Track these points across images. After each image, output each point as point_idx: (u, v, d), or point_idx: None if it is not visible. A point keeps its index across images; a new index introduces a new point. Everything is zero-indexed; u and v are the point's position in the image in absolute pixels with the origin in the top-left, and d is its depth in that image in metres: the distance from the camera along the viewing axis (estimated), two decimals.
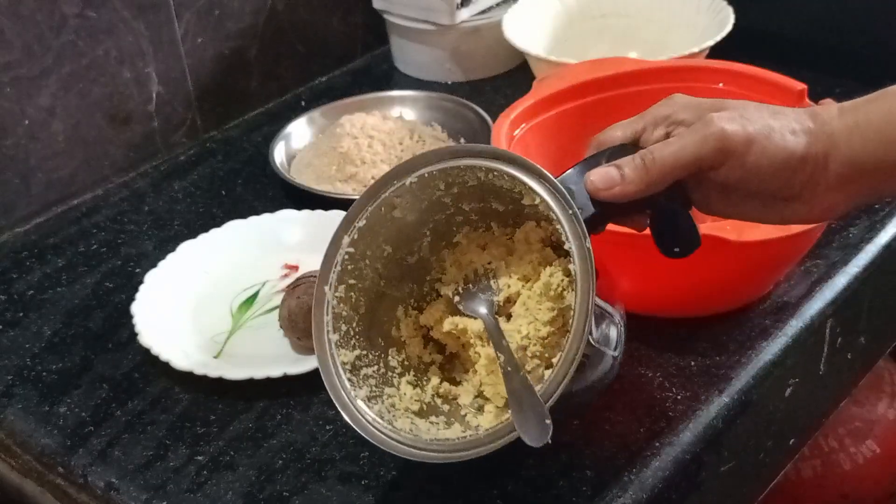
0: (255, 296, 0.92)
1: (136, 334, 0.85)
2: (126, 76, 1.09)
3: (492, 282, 0.72)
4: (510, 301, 0.71)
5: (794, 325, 0.84)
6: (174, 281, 0.92)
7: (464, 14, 1.24)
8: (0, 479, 0.85)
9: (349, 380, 0.67)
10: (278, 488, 0.73)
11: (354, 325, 0.70)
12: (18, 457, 0.81)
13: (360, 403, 0.67)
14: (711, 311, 0.84)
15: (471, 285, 0.72)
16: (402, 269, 0.73)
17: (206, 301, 0.92)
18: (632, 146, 0.65)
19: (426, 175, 0.68)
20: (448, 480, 0.72)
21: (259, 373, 0.81)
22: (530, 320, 0.68)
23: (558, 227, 0.63)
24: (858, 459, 1.28)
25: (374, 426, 0.66)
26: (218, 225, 0.99)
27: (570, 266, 0.62)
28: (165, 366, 0.82)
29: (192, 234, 0.98)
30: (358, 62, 1.36)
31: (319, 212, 0.99)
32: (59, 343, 0.89)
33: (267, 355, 0.85)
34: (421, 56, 1.29)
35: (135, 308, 0.88)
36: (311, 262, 0.92)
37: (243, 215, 1.01)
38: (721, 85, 0.93)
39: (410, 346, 0.73)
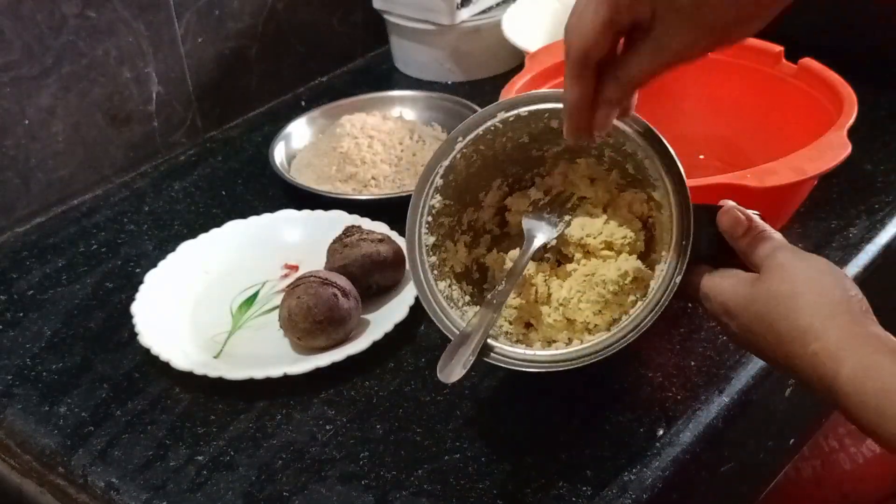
0: (255, 296, 0.92)
1: (136, 334, 0.85)
2: (126, 76, 1.09)
3: (567, 217, 0.77)
4: (578, 246, 0.76)
5: None
6: (174, 281, 0.92)
7: (464, 14, 1.24)
8: (0, 479, 0.85)
9: (427, 221, 0.75)
10: (278, 488, 0.73)
11: (460, 180, 0.76)
12: (18, 457, 0.81)
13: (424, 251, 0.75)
14: None
15: (549, 207, 0.78)
16: (523, 155, 0.78)
17: (206, 301, 0.92)
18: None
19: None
20: (448, 480, 0.73)
21: (259, 373, 0.81)
22: (578, 291, 0.73)
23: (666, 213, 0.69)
24: (858, 459, 1.28)
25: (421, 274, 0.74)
26: (218, 225, 0.99)
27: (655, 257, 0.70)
28: (165, 366, 0.82)
29: (192, 234, 0.98)
30: (358, 62, 1.36)
31: (319, 212, 0.99)
32: (59, 343, 0.89)
33: (267, 355, 0.85)
34: (421, 56, 1.29)
35: (135, 308, 0.88)
36: (311, 262, 0.92)
37: (243, 215, 1.01)
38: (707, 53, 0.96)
39: (485, 212, 0.80)
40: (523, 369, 0.71)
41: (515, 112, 0.75)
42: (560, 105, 0.69)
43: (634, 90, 0.66)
